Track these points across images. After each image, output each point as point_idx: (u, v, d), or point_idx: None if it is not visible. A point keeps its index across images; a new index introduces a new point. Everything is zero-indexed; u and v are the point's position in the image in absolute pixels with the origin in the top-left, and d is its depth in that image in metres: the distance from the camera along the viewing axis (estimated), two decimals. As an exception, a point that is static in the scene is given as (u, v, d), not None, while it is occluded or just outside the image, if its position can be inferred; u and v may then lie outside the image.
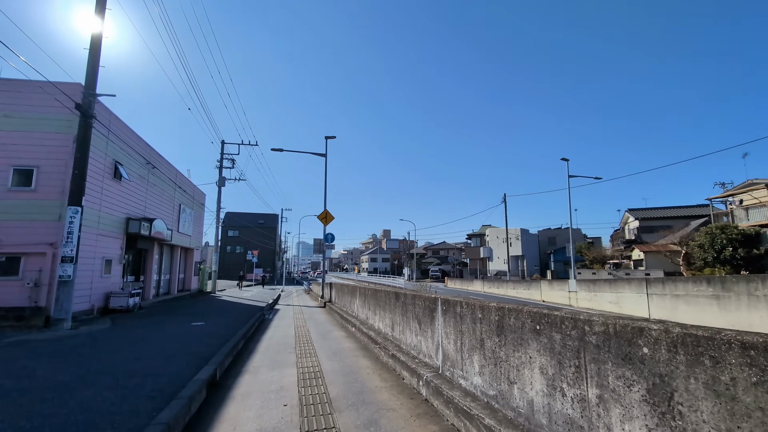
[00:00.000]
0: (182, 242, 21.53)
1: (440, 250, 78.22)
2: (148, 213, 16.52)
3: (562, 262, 40.09)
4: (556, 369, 2.37)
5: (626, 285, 20.26)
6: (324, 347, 7.18)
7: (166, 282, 20.78)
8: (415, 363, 4.70)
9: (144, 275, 17.61)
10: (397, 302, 5.98)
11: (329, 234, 19.66)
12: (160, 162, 18.04)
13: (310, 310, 15.54)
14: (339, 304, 13.64)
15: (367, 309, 8.43)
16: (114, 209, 13.68)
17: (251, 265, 56.57)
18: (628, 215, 37.93)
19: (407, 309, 5.44)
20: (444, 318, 4.13)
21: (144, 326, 9.90)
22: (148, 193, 16.69)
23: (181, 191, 21.17)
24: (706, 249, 22.42)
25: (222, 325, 9.95)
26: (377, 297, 7.35)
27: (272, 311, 15.17)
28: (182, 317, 12.14)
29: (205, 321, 10.93)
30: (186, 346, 6.85)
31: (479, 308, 3.38)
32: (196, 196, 24.61)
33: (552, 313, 2.45)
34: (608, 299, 21.40)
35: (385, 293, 6.79)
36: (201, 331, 8.91)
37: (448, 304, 4.08)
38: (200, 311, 13.97)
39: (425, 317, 4.72)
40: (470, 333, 3.51)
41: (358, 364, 5.81)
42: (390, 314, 6.34)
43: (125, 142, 14.17)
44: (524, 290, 29.67)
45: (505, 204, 43.15)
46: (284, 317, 12.90)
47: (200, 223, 25.94)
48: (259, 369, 5.60)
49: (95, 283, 12.57)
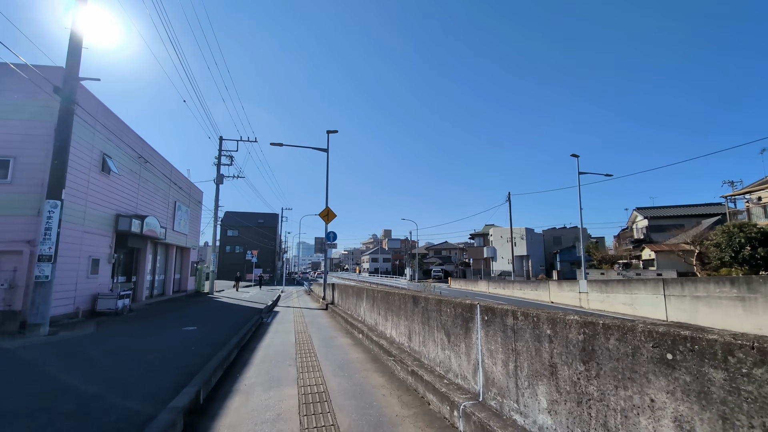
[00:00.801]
0: (178, 241, 20.65)
1: (442, 250, 77.30)
2: (140, 210, 15.64)
3: (568, 262, 39.17)
4: (716, 427, 1.48)
5: (641, 286, 19.40)
6: (329, 358, 6.29)
7: (161, 283, 19.91)
8: (443, 384, 3.80)
9: (136, 276, 16.73)
10: (415, 308, 5.08)
11: (331, 232, 18.78)
12: (153, 156, 17.16)
13: (311, 312, 14.65)
14: (343, 306, 12.75)
15: (375, 314, 7.54)
16: (102, 205, 12.80)
17: (251, 265, 55.80)
18: (637, 214, 36.97)
19: (429, 316, 4.55)
20: (485, 331, 3.23)
21: (130, 332, 9.03)
22: (141, 189, 15.81)
23: (177, 188, 20.29)
24: (723, 248, 21.53)
25: (215, 330, 9.07)
26: (389, 301, 6.43)
27: (271, 314, 14.29)
28: (174, 321, 11.27)
29: (197, 325, 10.05)
30: (171, 357, 5.97)
31: (547, 321, 2.48)
32: (193, 193, 23.73)
33: (699, 336, 1.55)
34: (622, 300, 20.55)
35: (399, 297, 5.87)
36: (191, 337, 8.03)
37: (491, 313, 3.18)
38: (194, 314, 13.09)
39: (456, 328, 3.83)
40: (531, 354, 2.61)
41: (371, 381, 4.91)
42: (406, 321, 5.44)
43: (114, 133, 13.29)
44: (532, 291, 28.76)
45: (510, 203, 42.33)
46: (284, 321, 12.02)
47: (197, 221, 25.05)
48: (253, 388, 4.70)
49: (80, 284, 11.69)
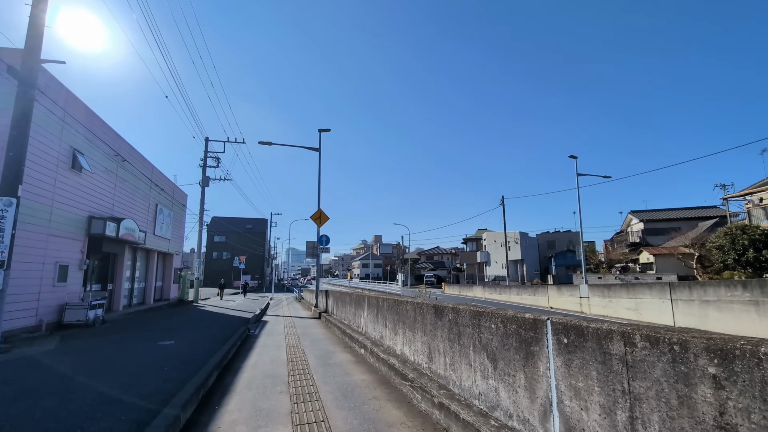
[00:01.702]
0: (159, 246, 19.35)
1: (434, 255, 76.51)
2: (117, 212, 14.41)
3: (563, 267, 38.67)
4: None
5: (646, 290, 18.78)
6: (329, 381, 5.27)
7: (141, 291, 18.55)
8: (491, 428, 2.84)
9: (113, 283, 15.41)
10: (438, 321, 4.12)
11: (323, 236, 17.74)
12: (132, 155, 15.95)
13: (303, 322, 13.55)
14: (338, 315, 11.70)
15: (381, 326, 6.55)
16: (72, 206, 11.58)
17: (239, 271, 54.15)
18: (632, 217, 36.72)
19: (461, 333, 3.60)
20: (566, 359, 2.29)
21: (97, 348, 7.86)
22: (117, 190, 14.58)
23: (158, 189, 19.04)
24: (726, 251, 21.10)
25: (196, 344, 7.97)
26: (400, 311, 5.46)
27: (259, 324, 13.15)
28: (150, 333, 10.09)
29: (176, 339, 8.91)
30: (135, 383, 4.89)
31: (706, 353, 1.55)
32: (177, 195, 22.44)
33: None
34: (625, 306, 19.90)
35: (414, 307, 4.89)
36: (166, 354, 6.93)
37: (575, 334, 2.23)
38: (175, 325, 11.89)
39: (508, 351, 2.87)
40: (671, 404, 1.68)
41: (386, 415, 3.90)
42: (425, 337, 4.47)
43: (87, 128, 12.12)
44: (529, 296, 28.04)
45: (503, 206, 41.85)
46: (273, 332, 10.92)
47: (181, 225, 23.72)
48: (235, 428, 3.66)
49: (45, 293, 10.44)
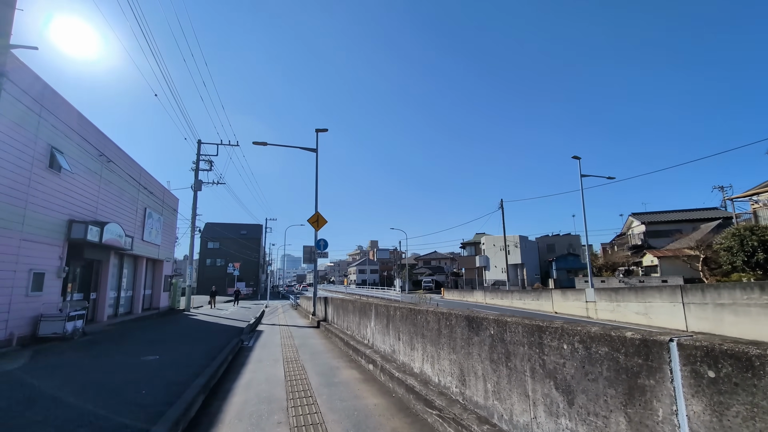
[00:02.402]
0: (148, 252, 18.41)
1: (431, 260, 75.73)
2: (101, 215, 13.51)
3: (564, 270, 38.07)
4: None
5: (656, 293, 18.12)
6: (335, 407, 4.46)
7: (128, 300, 17.57)
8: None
9: (97, 292, 14.46)
10: (473, 335, 3.33)
11: (321, 240, 16.90)
12: (118, 156, 15.09)
13: (300, 331, 12.69)
14: (340, 324, 10.85)
15: (393, 338, 5.74)
16: (50, 208, 10.70)
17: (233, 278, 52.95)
18: (633, 219, 36.26)
19: (512, 353, 2.80)
20: (713, 404, 1.51)
21: (70, 365, 6.98)
22: (102, 192, 13.70)
23: (147, 193, 18.15)
24: (734, 252, 20.57)
25: (182, 359, 7.11)
26: (418, 322, 4.65)
27: (254, 334, 12.27)
28: (134, 347, 9.20)
29: (161, 353, 8.04)
30: (103, 415, 4.05)
31: None
32: (167, 199, 21.54)
33: None
34: (634, 310, 19.23)
35: (440, 318, 4.07)
36: (147, 372, 6.07)
37: (731, 363, 1.47)
38: (162, 337, 10.99)
39: (598, 384, 2.07)
40: None
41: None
42: (454, 355, 3.67)
43: (68, 124, 11.28)
44: (533, 301, 27.29)
45: (503, 210, 41.28)
46: (269, 344, 10.06)
47: (172, 231, 22.78)
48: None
49: (17, 303, 9.52)
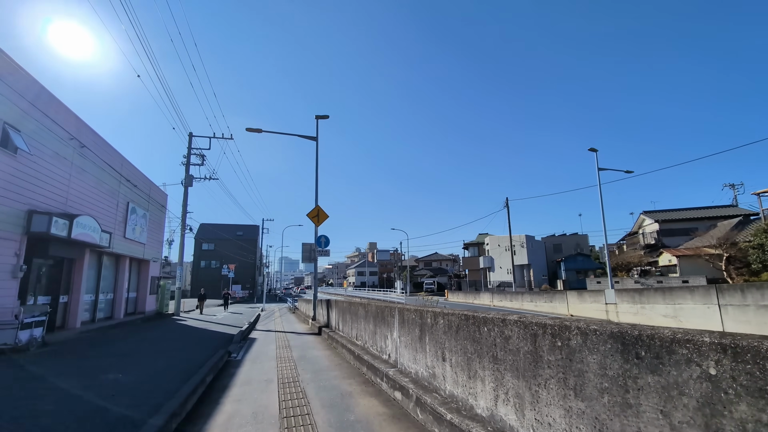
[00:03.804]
0: (131, 251, 16.74)
1: (432, 262, 74.15)
2: (73, 207, 11.88)
3: (574, 271, 36.56)
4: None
5: (687, 294, 16.60)
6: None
7: (109, 303, 15.89)
8: None
9: (69, 295, 12.79)
10: (648, 373, 1.78)
11: (322, 236, 15.28)
12: (95, 142, 13.46)
13: (299, 339, 11.08)
14: (346, 332, 9.23)
15: (432, 356, 4.13)
16: (1, 195, 9.07)
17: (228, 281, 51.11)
18: (644, 217, 34.83)
19: None
20: None
21: (6, 388, 5.34)
22: (74, 181, 12.07)
23: (131, 186, 16.49)
24: (766, 250, 19.11)
25: (149, 382, 5.50)
26: (482, 338, 2.98)
27: (245, 343, 10.64)
28: (99, 361, 7.56)
29: (129, 370, 6.43)
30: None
31: None
32: (155, 194, 19.88)
33: None
34: (662, 312, 17.68)
35: (535, 332, 2.49)
36: (100, 401, 4.46)
37: None
38: (137, 347, 9.36)
39: None
40: None
41: None
42: (581, 404, 2.11)
43: (24, 96, 9.66)
44: (545, 303, 25.74)
45: (508, 208, 39.85)
46: (262, 356, 8.44)
47: (160, 229, 21.11)
48: None
49: (-43, 309, 7.88)
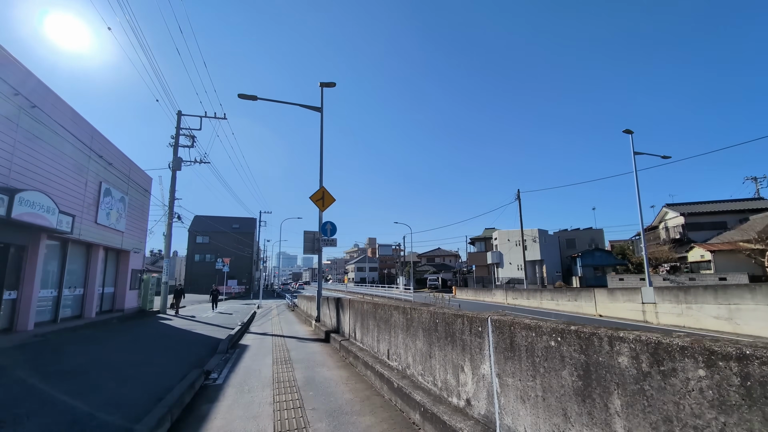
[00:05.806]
0: (105, 240, 14.36)
1: (435, 258, 71.98)
2: (16, 180, 9.50)
3: (591, 267, 34.36)
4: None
5: (746, 293, 14.28)
6: None
7: (77, 300, 13.54)
8: None
9: (18, 290, 10.44)
10: None
11: (328, 223, 12.96)
12: (54, 106, 11.05)
13: (303, 349, 8.78)
14: (369, 344, 6.82)
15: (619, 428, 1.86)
16: None
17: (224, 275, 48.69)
18: (667, 210, 32.62)
19: None
20: None
21: None
22: (19, 149, 9.68)
23: (104, 164, 14.09)
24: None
25: (85, 420, 3.19)
26: None
27: (233, 353, 8.33)
28: (18, 389, 5.23)
29: (57, 404, 4.10)
30: None
31: None
32: (136, 176, 17.45)
33: None
34: (713, 314, 15.39)
35: None
36: None
37: None
38: (94, 360, 7.05)
39: None
40: None
41: None
42: None
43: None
44: (569, 302, 23.44)
45: (519, 200, 37.55)
46: (252, 378, 6.13)
47: (143, 216, 18.71)
48: None
49: None
